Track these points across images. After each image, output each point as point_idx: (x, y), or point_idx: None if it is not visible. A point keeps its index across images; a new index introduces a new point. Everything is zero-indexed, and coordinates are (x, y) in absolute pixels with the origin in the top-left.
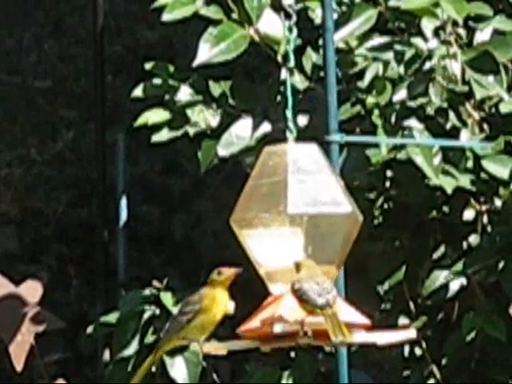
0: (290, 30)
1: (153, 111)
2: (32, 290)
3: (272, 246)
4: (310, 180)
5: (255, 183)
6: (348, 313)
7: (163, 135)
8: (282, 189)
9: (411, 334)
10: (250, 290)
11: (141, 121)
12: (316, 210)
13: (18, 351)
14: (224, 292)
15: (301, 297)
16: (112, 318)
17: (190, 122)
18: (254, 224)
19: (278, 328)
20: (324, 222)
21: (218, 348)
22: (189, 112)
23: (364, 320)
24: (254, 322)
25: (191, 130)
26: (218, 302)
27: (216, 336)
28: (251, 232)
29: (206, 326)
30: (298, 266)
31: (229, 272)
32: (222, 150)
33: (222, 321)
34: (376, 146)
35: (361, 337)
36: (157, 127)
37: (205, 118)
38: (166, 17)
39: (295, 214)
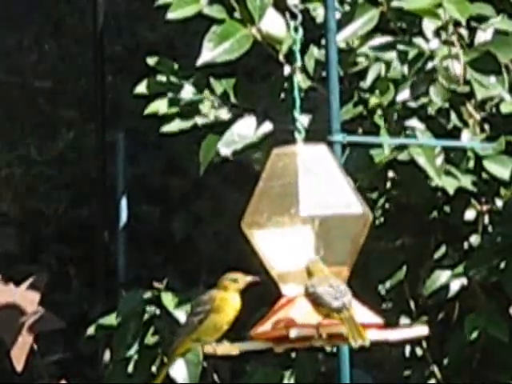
0: (296, 30)
1: (162, 101)
2: (30, 297)
3: (284, 248)
4: (320, 181)
5: (265, 185)
6: (362, 313)
7: (173, 126)
8: (293, 191)
9: (423, 330)
10: (257, 292)
11: (151, 109)
12: (328, 211)
13: (19, 351)
14: (236, 294)
15: (315, 300)
16: (112, 319)
17: (201, 113)
18: (266, 226)
19: (293, 333)
20: (335, 224)
21: (231, 349)
22: (200, 104)
23: (377, 319)
24: (268, 325)
25: (200, 121)
26: (229, 301)
27: (225, 337)
28: (263, 234)
29: (218, 326)
30: (309, 271)
31: (244, 279)
32: (224, 149)
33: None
34: (378, 146)
35: (373, 335)
36: (167, 118)
37: (215, 111)
38: (170, 15)
39: (307, 217)
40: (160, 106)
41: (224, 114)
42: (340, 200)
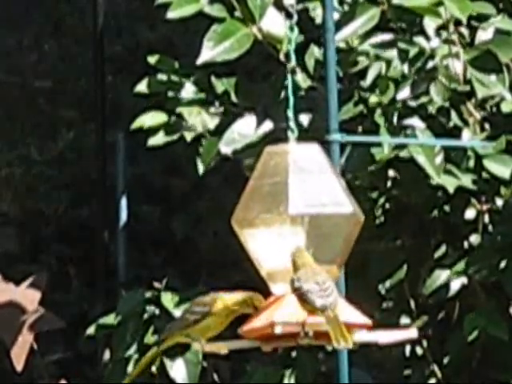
0: (291, 29)
1: (149, 114)
2: (30, 296)
3: (273, 247)
4: (311, 180)
5: (256, 183)
6: (349, 313)
7: (159, 139)
8: (283, 189)
9: (412, 333)
10: (250, 289)
11: (137, 124)
12: (317, 210)
13: (19, 351)
14: (238, 306)
15: (301, 296)
16: (112, 318)
17: (187, 126)
18: (256, 224)
19: (278, 329)
20: (325, 223)
21: (219, 347)
22: (186, 114)
23: (365, 320)
24: (255, 323)
25: (188, 135)
26: (228, 308)
27: (217, 336)
28: (252, 232)
29: (212, 330)
30: (295, 263)
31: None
32: (224, 148)
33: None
34: (378, 145)
35: (362, 336)
36: (153, 131)
37: (202, 120)
38: (171, 15)
39: (296, 215)
40: (146, 120)
41: (215, 122)
42: (330, 199)
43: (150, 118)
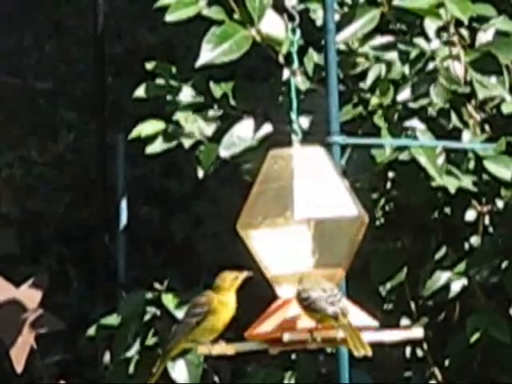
0: (294, 31)
1: (147, 123)
2: (31, 296)
3: (279, 250)
4: (316, 184)
5: (261, 188)
6: (356, 315)
7: (157, 146)
8: (288, 194)
9: (418, 332)
10: (254, 292)
11: (135, 133)
12: (322, 214)
13: (19, 352)
14: (232, 294)
15: (310, 306)
16: (112, 320)
17: (184, 133)
18: (261, 229)
19: (286, 337)
20: (331, 226)
21: (226, 349)
22: (182, 121)
23: (372, 322)
24: (263, 328)
25: (186, 142)
26: (226, 303)
27: (222, 337)
28: (258, 237)
29: (216, 328)
30: (300, 279)
31: (242, 276)
32: (224, 151)
33: (228, 323)
34: (378, 146)
35: (368, 336)
36: (151, 138)
37: (199, 127)
38: (169, 17)
39: (302, 220)
40: (143, 128)
41: (211, 129)
42: (335, 202)
43: (148, 126)
